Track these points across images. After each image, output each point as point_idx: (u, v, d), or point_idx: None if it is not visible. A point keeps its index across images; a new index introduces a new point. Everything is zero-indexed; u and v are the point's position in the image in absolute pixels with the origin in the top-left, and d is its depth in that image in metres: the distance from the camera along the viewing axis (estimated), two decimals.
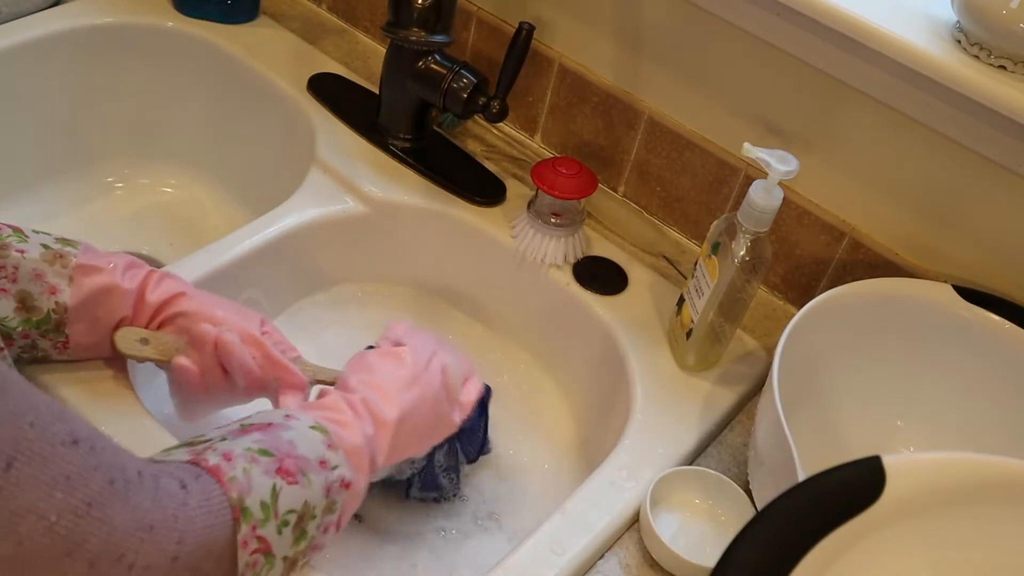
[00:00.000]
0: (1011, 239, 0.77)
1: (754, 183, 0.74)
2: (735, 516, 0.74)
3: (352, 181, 0.95)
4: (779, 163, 0.72)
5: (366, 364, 0.69)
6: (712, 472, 0.75)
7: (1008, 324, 0.75)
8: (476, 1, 1.01)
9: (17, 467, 0.42)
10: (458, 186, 0.96)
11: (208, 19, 1.09)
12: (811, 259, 0.89)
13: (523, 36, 0.89)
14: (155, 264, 1.06)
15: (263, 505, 0.55)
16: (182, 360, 0.69)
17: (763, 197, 0.73)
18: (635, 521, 0.73)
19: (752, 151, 0.73)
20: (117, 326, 0.69)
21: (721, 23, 0.83)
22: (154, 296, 0.70)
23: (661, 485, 0.73)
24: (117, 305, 0.69)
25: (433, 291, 1.00)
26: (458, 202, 0.95)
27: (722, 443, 0.81)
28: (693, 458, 0.79)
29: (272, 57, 1.07)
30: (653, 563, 0.71)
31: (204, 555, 0.52)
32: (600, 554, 0.72)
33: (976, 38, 0.71)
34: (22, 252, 0.65)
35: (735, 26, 0.82)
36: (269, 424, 0.60)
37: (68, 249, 0.68)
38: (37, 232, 0.68)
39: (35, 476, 0.43)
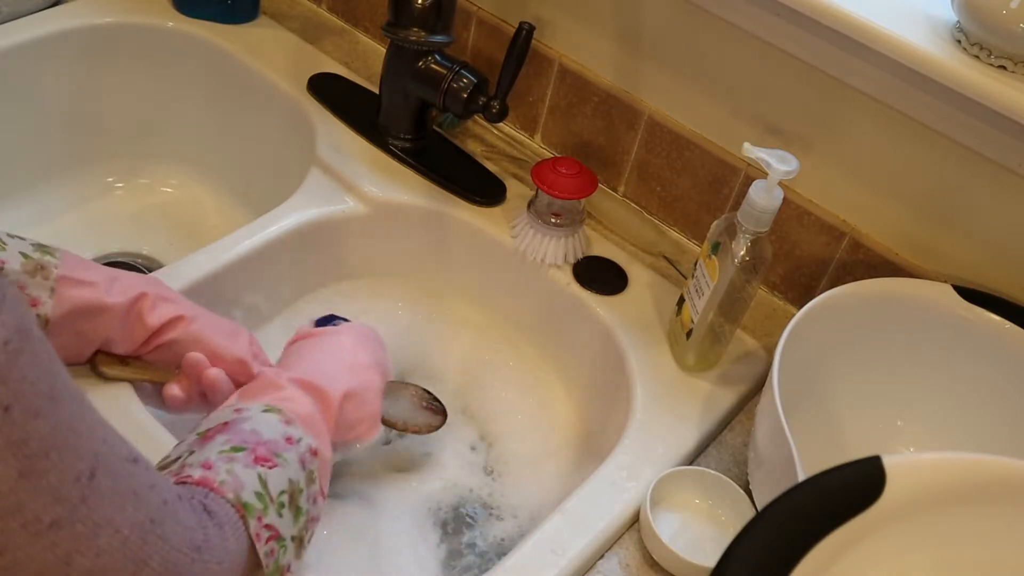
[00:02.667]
0: (1011, 239, 0.77)
1: (754, 183, 0.74)
2: (735, 516, 0.74)
3: (352, 181, 0.95)
4: (779, 163, 0.72)
5: (307, 346, 0.73)
6: (712, 472, 0.75)
7: (1008, 324, 0.75)
8: (476, 1, 1.01)
9: (98, 478, 0.43)
10: (458, 186, 0.96)
11: (208, 19, 1.09)
12: (811, 259, 0.89)
13: (523, 36, 0.89)
14: (155, 264, 1.07)
15: (258, 495, 0.56)
16: (174, 389, 0.70)
17: (763, 197, 0.73)
18: (635, 521, 0.73)
19: (752, 151, 0.73)
20: (104, 344, 0.69)
21: (721, 23, 0.83)
22: (152, 319, 0.69)
23: (661, 485, 0.73)
24: (103, 322, 0.68)
25: (433, 291, 1.00)
26: (458, 202, 0.95)
27: (722, 443, 0.81)
28: (693, 458, 0.79)
29: (272, 57, 1.07)
30: (653, 563, 0.71)
31: (239, 570, 0.53)
32: (600, 554, 0.72)
33: (976, 38, 0.71)
34: (2, 263, 0.64)
35: (735, 26, 0.82)
36: (226, 424, 0.60)
37: (47, 259, 0.66)
38: (12, 237, 0.66)
39: (112, 488, 0.43)
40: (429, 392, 0.84)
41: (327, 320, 0.82)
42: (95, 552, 0.43)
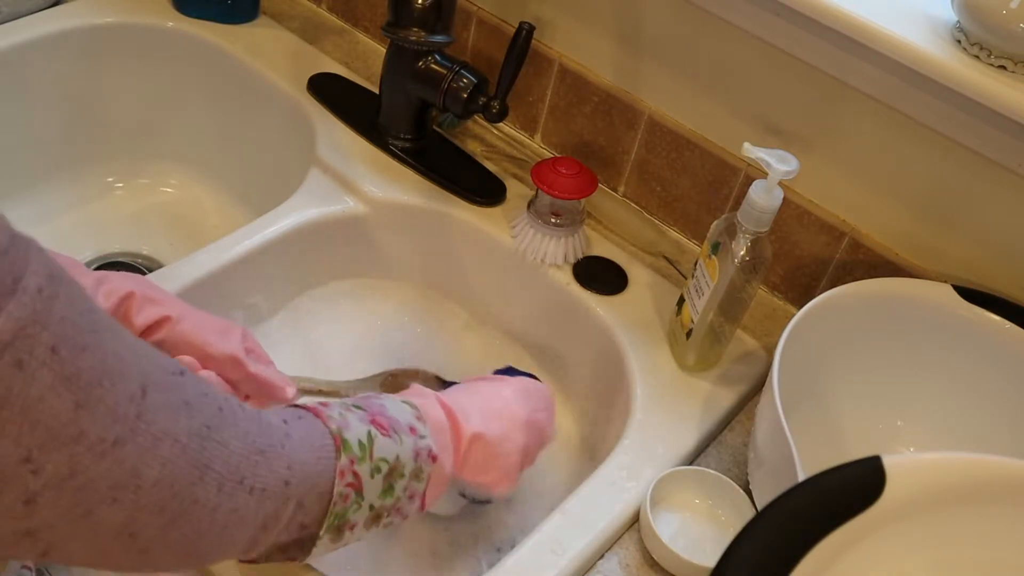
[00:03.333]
0: (1011, 239, 0.77)
1: (754, 183, 0.74)
2: (735, 516, 0.74)
3: (352, 181, 0.95)
4: (779, 163, 0.72)
5: (466, 386, 0.72)
6: (712, 472, 0.75)
7: (1008, 324, 0.75)
8: (476, 1, 1.01)
9: (150, 394, 0.44)
10: (458, 186, 0.96)
11: (208, 19, 1.09)
12: (811, 259, 0.89)
13: (523, 36, 0.89)
14: (155, 264, 1.07)
15: (360, 444, 0.57)
16: None
17: (763, 197, 0.73)
18: (635, 521, 0.73)
19: (752, 151, 0.73)
20: None
21: (721, 23, 0.83)
22: (139, 320, 0.68)
23: (661, 485, 0.73)
24: None
25: (433, 291, 1.00)
26: (458, 202, 0.95)
27: (722, 443, 0.81)
28: (693, 458, 0.79)
29: (272, 57, 1.07)
30: (653, 563, 0.71)
31: (309, 488, 0.54)
32: (600, 554, 0.72)
33: (976, 38, 0.71)
34: None
35: (735, 26, 0.82)
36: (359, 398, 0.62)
37: None
38: None
39: (164, 401, 0.45)
40: (437, 377, 0.85)
41: (507, 372, 0.78)
42: (160, 462, 0.45)
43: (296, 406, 0.58)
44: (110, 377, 0.42)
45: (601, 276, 0.91)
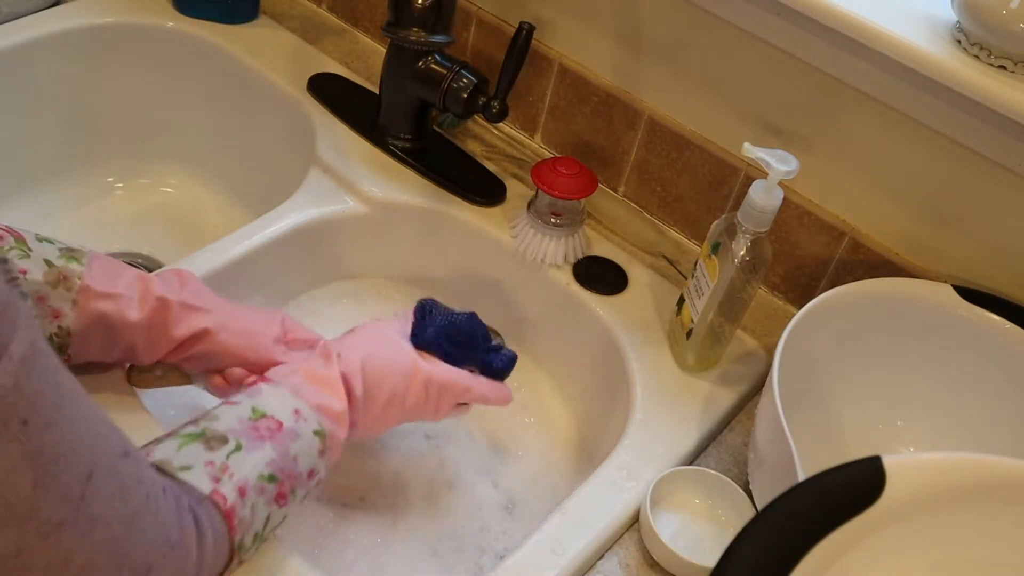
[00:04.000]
0: (1011, 239, 0.77)
1: (754, 183, 0.74)
2: (735, 516, 0.74)
3: (352, 181, 0.95)
4: (779, 163, 0.72)
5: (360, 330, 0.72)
6: (712, 472, 0.75)
7: (1008, 324, 0.75)
8: (476, 1, 1.01)
9: (95, 477, 0.44)
10: (458, 186, 0.96)
11: (208, 19, 1.09)
12: (811, 259, 0.89)
13: (523, 36, 0.89)
14: (155, 264, 1.07)
15: (256, 536, 0.59)
16: (217, 380, 0.71)
17: (763, 197, 0.73)
18: (635, 521, 0.73)
19: (752, 151, 0.73)
20: (129, 350, 0.68)
21: (721, 23, 0.83)
22: (177, 332, 0.68)
23: (661, 485, 0.73)
24: (125, 334, 0.67)
25: (433, 291, 1.00)
26: (458, 202, 0.95)
27: (722, 443, 0.81)
28: (693, 458, 0.79)
29: (272, 57, 1.07)
30: (653, 563, 0.71)
31: (214, 570, 0.55)
32: (600, 554, 0.72)
33: (976, 38, 0.71)
34: (24, 272, 0.63)
35: (735, 26, 0.82)
36: (280, 425, 0.61)
37: (73, 266, 0.65)
38: (41, 241, 0.65)
39: (105, 485, 0.45)
40: None
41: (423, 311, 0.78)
42: (90, 547, 0.45)
43: (214, 503, 0.55)
44: (66, 456, 0.42)
45: (601, 276, 0.91)
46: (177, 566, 0.51)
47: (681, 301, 0.84)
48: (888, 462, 0.53)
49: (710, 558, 0.63)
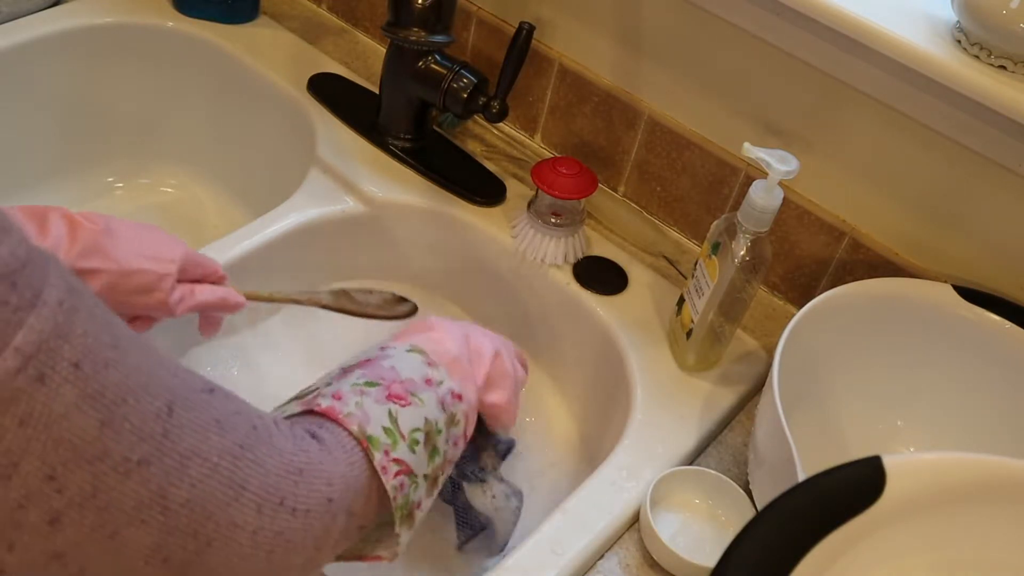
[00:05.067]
0: (1011, 239, 0.77)
1: (754, 183, 0.74)
2: (735, 516, 0.74)
3: (352, 181, 0.95)
4: (779, 163, 0.72)
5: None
6: (712, 472, 0.75)
7: (1008, 324, 0.75)
8: (476, 1, 1.01)
9: (177, 412, 0.43)
10: (458, 186, 0.96)
11: (208, 19, 1.09)
12: (811, 259, 0.89)
13: (523, 36, 0.89)
14: None
15: (386, 431, 0.56)
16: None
17: (763, 197, 0.73)
18: (635, 521, 0.73)
19: (752, 151, 0.73)
20: None
21: (721, 23, 0.83)
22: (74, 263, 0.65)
23: (661, 485, 0.73)
24: None
25: (433, 291, 1.00)
26: (458, 202, 0.95)
27: (722, 443, 0.81)
28: (693, 458, 0.79)
29: (272, 57, 1.07)
30: (653, 563, 0.71)
31: (353, 495, 0.53)
32: (600, 554, 0.72)
33: (976, 38, 0.71)
34: None
35: (735, 26, 0.82)
36: (368, 360, 0.61)
37: None
38: None
39: (192, 420, 0.44)
40: (395, 294, 0.85)
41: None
42: (189, 482, 0.44)
43: (313, 411, 0.56)
44: (135, 394, 0.41)
45: (601, 276, 0.91)
46: (317, 490, 0.50)
47: (681, 301, 0.84)
48: (888, 462, 0.53)
49: (710, 558, 0.63)
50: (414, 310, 0.83)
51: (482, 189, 0.96)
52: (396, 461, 0.56)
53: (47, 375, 0.38)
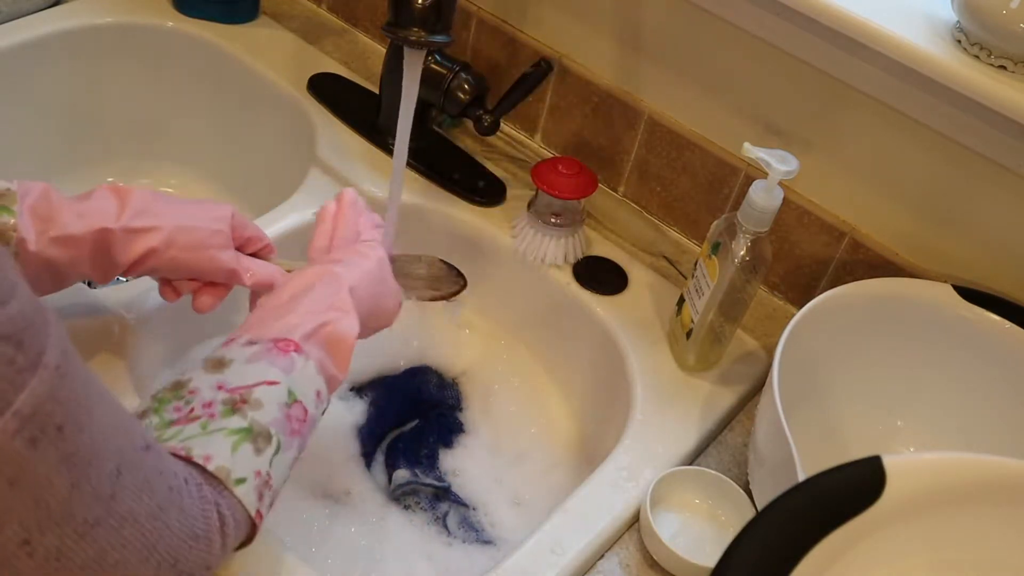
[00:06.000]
0: (1011, 239, 0.77)
1: (754, 183, 0.74)
2: (735, 516, 0.74)
3: (352, 181, 0.95)
4: (779, 163, 0.72)
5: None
6: (712, 472, 0.75)
7: (1008, 324, 0.75)
8: (476, 1, 1.01)
9: (123, 473, 0.45)
10: (458, 186, 0.96)
11: (208, 19, 1.09)
12: (811, 259, 0.89)
13: (539, 73, 0.89)
14: None
15: (251, 476, 0.55)
16: (167, 291, 0.71)
17: (763, 197, 0.73)
18: (635, 521, 0.73)
19: (752, 151, 0.73)
20: (79, 279, 0.67)
21: (721, 23, 0.83)
22: (125, 257, 0.66)
23: (661, 485, 0.73)
24: (71, 272, 0.65)
25: None
26: (458, 202, 0.95)
27: (722, 443, 0.81)
28: (693, 458, 0.79)
29: (272, 57, 1.07)
30: (653, 563, 0.71)
31: (232, 544, 0.54)
32: (600, 554, 0.72)
33: (976, 38, 0.71)
34: None
35: (735, 26, 0.82)
36: (306, 414, 0.59)
37: (5, 218, 0.61)
38: None
39: (132, 482, 0.46)
40: (443, 260, 0.84)
41: None
42: (121, 543, 0.45)
43: (199, 465, 0.53)
44: (98, 456, 0.43)
45: (601, 276, 0.91)
46: (201, 557, 0.51)
47: (681, 301, 0.84)
48: (888, 462, 0.53)
49: (710, 558, 0.63)
50: (462, 287, 0.82)
51: (482, 189, 0.96)
52: (261, 496, 0.55)
53: (38, 438, 0.39)
